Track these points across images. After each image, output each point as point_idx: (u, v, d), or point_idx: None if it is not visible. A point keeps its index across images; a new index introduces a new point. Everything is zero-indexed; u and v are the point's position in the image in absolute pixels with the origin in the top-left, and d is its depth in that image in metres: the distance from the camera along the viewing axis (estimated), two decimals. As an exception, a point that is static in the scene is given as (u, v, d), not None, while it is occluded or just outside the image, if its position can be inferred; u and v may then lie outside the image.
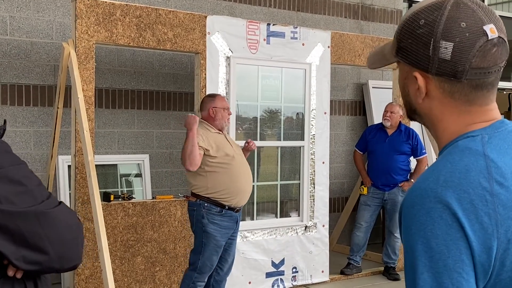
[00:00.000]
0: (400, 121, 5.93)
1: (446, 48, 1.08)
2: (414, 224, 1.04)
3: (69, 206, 5.16)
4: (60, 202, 1.36)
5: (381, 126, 6.00)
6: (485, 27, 1.08)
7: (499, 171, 1.05)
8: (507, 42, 1.13)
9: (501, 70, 1.13)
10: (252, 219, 5.49)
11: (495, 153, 1.08)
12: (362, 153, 6.14)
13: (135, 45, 4.68)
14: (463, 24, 1.08)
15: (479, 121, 1.13)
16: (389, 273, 5.95)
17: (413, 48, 1.13)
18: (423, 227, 1.03)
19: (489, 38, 1.08)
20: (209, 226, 4.05)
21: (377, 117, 6.98)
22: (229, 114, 4.30)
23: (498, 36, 1.10)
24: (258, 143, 5.43)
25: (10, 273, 1.31)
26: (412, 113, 1.22)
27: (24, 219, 1.26)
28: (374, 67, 1.30)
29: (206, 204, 4.06)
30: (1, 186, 1.25)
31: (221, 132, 4.24)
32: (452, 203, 1.02)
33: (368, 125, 7.00)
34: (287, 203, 5.96)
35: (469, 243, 1.01)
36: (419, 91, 1.15)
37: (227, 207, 4.10)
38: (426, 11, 1.12)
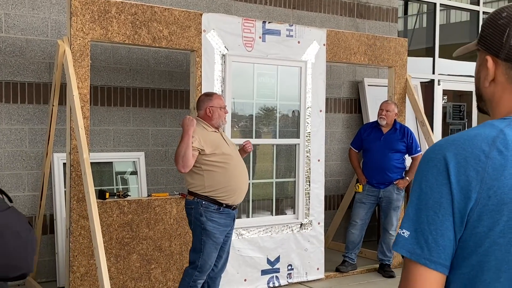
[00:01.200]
0: (395, 119, 5.94)
1: None
2: (419, 170, 1.24)
3: (64, 203, 5.16)
4: (9, 207, 1.28)
5: (376, 124, 6.01)
6: None
7: (504, 142, 1.18)
8: None
9: None
10: (248, 216, 5.50)
11: None
12: (357, 151, 6.15)
13: (130, 42, 4.68)
14: None
15: None
16: (384, 270, 5.97)
17: (491, 36, 1.28)
18: (421, 172, 1.22)
19: None
20: (207, 224, 4.05)
21: (372, 115, 6.99)
22: (226, 112, 4.30)
23: None
24: (254, 141, 5.44)
25: None
26: (479, 100, 1.35)
27: None
28: (457, 55, 1.46)
29: (203, 202, 4.06)
30: None
31: (217, 131, 4.24)
32: (448, 156, 1.19)
33: (364, 123, 7.02)
34: (282, 201, 5.97)
35: (451, 190, 1.16)
36: (487, 75, 1.29)
37: (224, 205, 4.11)
38: (510, 6, 1.27)
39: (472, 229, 1.16)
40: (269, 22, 5.40)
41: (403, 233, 1.20)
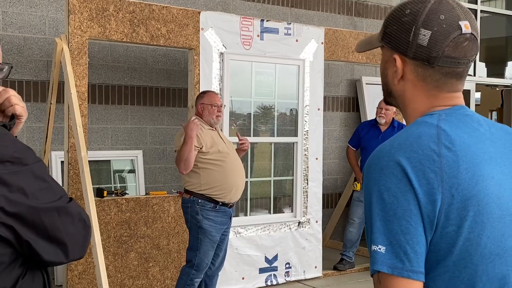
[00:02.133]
0: (393, 118, 5.94)
1: (425, 36, 1.23)
2: (371, 180, 1.19)
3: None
4: (71, 198, 1.42)
5: (374, 123, 6.01)
6: (460, 22, 1.23)
7: (448, 138, 1.19)
8: (478, 40, 1.27)
9: (470, 63, 1.27)
10: (246, 215, 5.50)
11: (448, 126, 1.22)
12: (355, 149, 6.15)
13: (128, 40, 4.67)
14: (442, 17, 1.23)
15: (442, 105, 1.27)
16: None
17: (396, 33, 1.27)
18: (377, 182, 1.17)
19: (463, 32, 1.23)
20: (204, 222, 4.06)
21: (370, 114, 7.00)
22: (218, 111, 4.27)
23: (471, 33, 1.24)
24: (252, 139, 5.44)
25: None
26: (388, 95, 1.36)
27: (47, 214, 1.32)
28: (360, 51, 1.45)
29: (200, 201, 4.07)
30: (29, 182, 1.30)
31: (214, 129, 4.25)
32: (402, 161, 1.16)
33: (362, 121, 7.02)
34: (280, 199, 5.97)
35: (416, 195, 1.14)
36: (396, 73, 1.29)
37: (220, 203, 4.11)
38: (413, 3, 1.26)
39: (441, 230, 1.14)
40: (267, 21, 5.40)
41: (379, 249, 1.14)
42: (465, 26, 1.23)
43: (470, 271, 1.16)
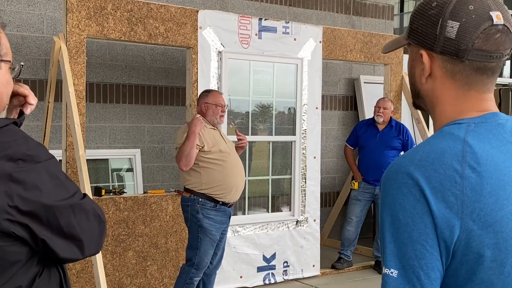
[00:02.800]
0: (391, 117, 5.95)
1: (452, 27, 1.14)
2: (387, 196, 1.12)
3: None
4: (85, 194, 1.42)
5: (372, 122, 6.02)
6: (491, 13, 1.14)
7: (474, 156, 1.10)
8: None
9: (504, 58, 1.17)
10: (244, 213, 5.51)
11: (476, 140, 1.12)
12: (352, 148, 6.16)
13: (126, 39, 4.67)
14: (471, 7, 1.14)
15: (472, 110, 1.17)
16: (379, 267, 5.98)
17: (422, 28, 1.18)
18: (393, 200, 1.10)
19: (494, 23, 1.13)
20: (204, 221, 4.05)
21: (368, 112, 7.00)
22: (222, 111, 4.29)
23: (504, 24, 1.14)
24: (250, 137, 5.44)
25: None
26: (416, 97, 1.27)
27: (61, 211, 1.32)
28: (386, 51, 1.35)
29: (200, 200, 4.06)
30: (42, 179, 1.30)
31: (215, 128, 4.25)
32: (421, 180, 1.08)
33: (359, 120, 7.02)
34: (278, 198, 5.98)
35: (434, 219, 1.07)
36: (423, 70, 1.20)
37: (221, 203, 4.11)
38: None
39: (461, 257, 1.08)
40: (265, 19, 5.40)
41: (391, 273, 1.08)
42: (497, 17, 1.13)
43: None
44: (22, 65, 1.53)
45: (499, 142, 1.14)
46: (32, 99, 1.51)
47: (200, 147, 4.04)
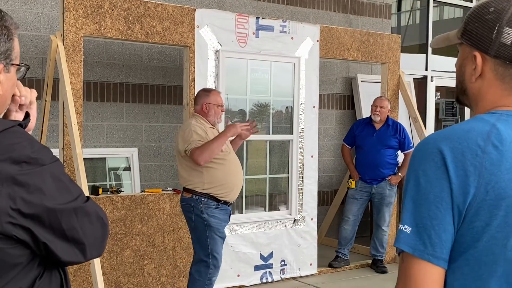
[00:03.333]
0: (388, 115, 5.96)
1: (509, 34, 1.22)
2: (413, 164, 1.22)
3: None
4: (88, 197, 1.42)
5: (369, 121, 6.02)
6: None
7: (499, 137, 1.18)
8: None
9: None
10: (241, 212, 5.51)
11: (504, 126, 1.21)
12: (350, 147, 6.16)
13: (123, 38, 4.67)
14: None
15: (510, 105, 1.26)
16: (376, 265, 6.00)
17: (478, 31, 1.26)
18: (418, 166, 1.21)
19: None
20: (211, 220, 4.02)
21: (365, 111, 7.01)
22: (223, 110, 4.29)
23: None
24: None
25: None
26: (462, 94, 1.34)
27: (64, 215, 1.32)
28: (436, 46, 1.43)
29: (203, 199, 4.01)
30: (46, 182, 1.29)
31: (214, 127, 4.24)
32: (445, 150, 1.18)
33: (357, 119, 7.03)
34: (276, 197, 5.98)
35: (450, 184, 1.16)
36: (475, 70, 1.28)
37: (222, 202, 4.09)
38: (497, 1, 1.25)
39: (469, 224, 1.16)
40: (262, 18, 5.40)
41: (405, 228, 1.18)
42: None
43: (489, 270, 1.16)
44: (29, 67, 1.53)
45: None
46: (25, 99, 1.50)
47: None
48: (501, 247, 1.15)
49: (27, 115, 1.50)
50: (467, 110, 8.98)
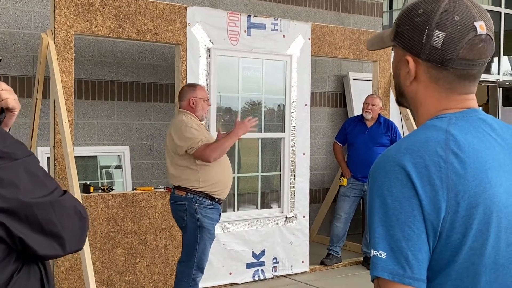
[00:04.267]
0: (379, 113, 5.98)
1: (438, 37, 1.19)
2: (375, 184, 1.16)
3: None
4: (65, 191, 1.42)
5: (360, 118, 6.04)
6: (475, 23, 1.19)
7: (456, 144, 1.16)
8: (493, 40, 1.23)
9: (485, 64, 1.24)
10: (233, 210, 5.51)
11: (458, 130, 1.18)
12: (341, 145, 6.18)
13: (114, 36, 4.66)
14: (456, 17, 1.18)
15: (454, 108, 1.24)
16: (368, 263, 6.02)
17: (409, 34, 1.23)
18: (381, 186, 1.15)
19: (478, 33, 1.18)
20: (204, 221, 3.97)
21: (357, 109, 7.03)
22: (209, 105, 4.27)
23: (486, 33, 1.20)
24: (239, 134, 5.45)
25: None
26: (400, 96, 1.32)
27: (40, 208, 1.32)
28: (372, 49, 1.40)
29: (198, 198, 3.97)
30: (20, 177, 1.29)
31: (203, 124, 4.22)
32: (408, 166, 1.13)
33: (349, 117, 7.05)
34: (268, 195, 5.99)
35: (420, 202, 1.11)
36: (409, 74, 1.25)
37: (216, 200, 4.07)
38: (426, 2, 1.22)
39: (446, 239, 1.12)
40: (254, 16, 5.40)
41: (380, 254, 1.12)
42: (481, 27, 1.19)
43: (472, 281, 1.14)
44: (1, 59, 1.52)
45: (479, 133, 1.20)
46: (6, 94, 1.47)
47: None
48: (480, 256, 1.13)
49: (2, 110, 1.49)
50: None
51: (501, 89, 9.27)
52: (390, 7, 8.75)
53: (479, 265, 1.13)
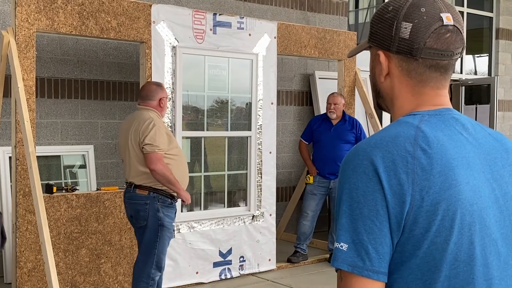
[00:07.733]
0: (343, 111, 6.03)
1: (406, 28, 1.24)
2: (344, 177, 1.20)
3: (10, 198, 5.03)
4: None
5: (325, 116, 6.09)
6: (442, 14, 1.24)
7: (425, 140, 1.18)
8: (462, 33, 1.28)
9: (455, 57, 1.27)
10: (200, 209, 5.49)
11: (429, 127, 1.21)
12: (307, 143, 6.22)
13: (77, 33, 4.59)
14: (423, 9, 1.24)
15: (428, 104, 1.27)
16: (334, 260, 6.06)
17: (380, 31, 1.29)
18: (348, 180, 1.18)
19: (444, 23, 1.24)
20: (165, 220, 3.96)
21: (323, 107, 7.07)
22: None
23: (453, 25, 1.25)
24: (206, 133, 5.44)
25: None
26: (378, 97, 1.36)
27: None
28: (351, 55, 1.47)
29: (160, 197, 3.95)
30: None
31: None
32: (376, 160, 1.16)
33: (315, 115, 7.09)
34: (235, 193, 5.98)
35: (385, 196, 1.14)
36: (382, 69, 1.30)
37: (176, 199, 4.07)
38: (396, 0, 1.28)
39: (409, 232, 1.14)
40: (220, 14, 5.39)
41: (341, 246, 1.15)
42: (447, 18, 1.24)
43: (433, 276, 1.15)
44: None
45: (450, 132, 1.23)
46: None
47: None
48: (441, 252, 1.15)
49: None
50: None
51: (463, 87, 9.45)
52: (356, 6, 8.82)
53: (440, 260, 1.15)
